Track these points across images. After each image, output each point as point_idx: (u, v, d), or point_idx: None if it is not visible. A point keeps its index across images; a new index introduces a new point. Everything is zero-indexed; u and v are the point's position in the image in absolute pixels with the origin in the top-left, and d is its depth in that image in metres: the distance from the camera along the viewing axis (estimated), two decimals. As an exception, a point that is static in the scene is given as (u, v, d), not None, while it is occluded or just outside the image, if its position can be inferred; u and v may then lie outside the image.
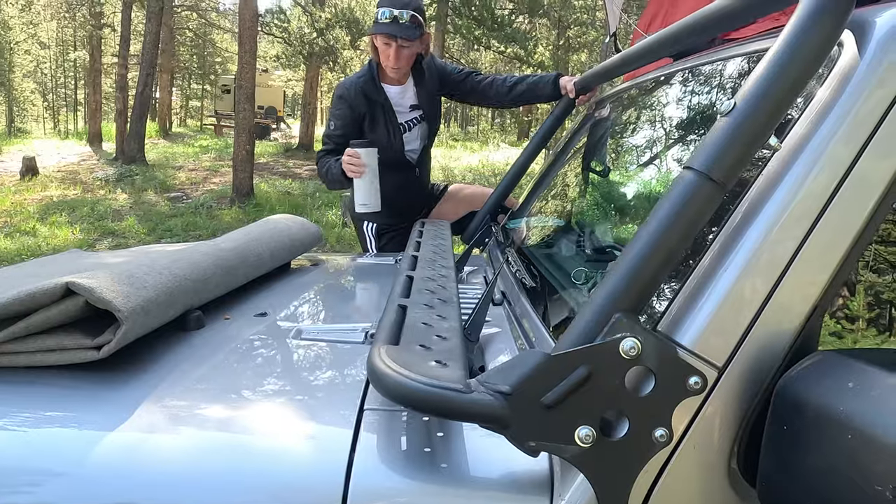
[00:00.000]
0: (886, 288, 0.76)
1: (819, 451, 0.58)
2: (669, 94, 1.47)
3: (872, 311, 0.76)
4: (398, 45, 2.27)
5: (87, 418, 0.85)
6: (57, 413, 0.86)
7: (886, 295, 0.76)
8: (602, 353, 0.65)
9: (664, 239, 0.67)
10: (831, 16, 0.68)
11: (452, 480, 0.75)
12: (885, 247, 0.77)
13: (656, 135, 1.50)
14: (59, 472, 0.76)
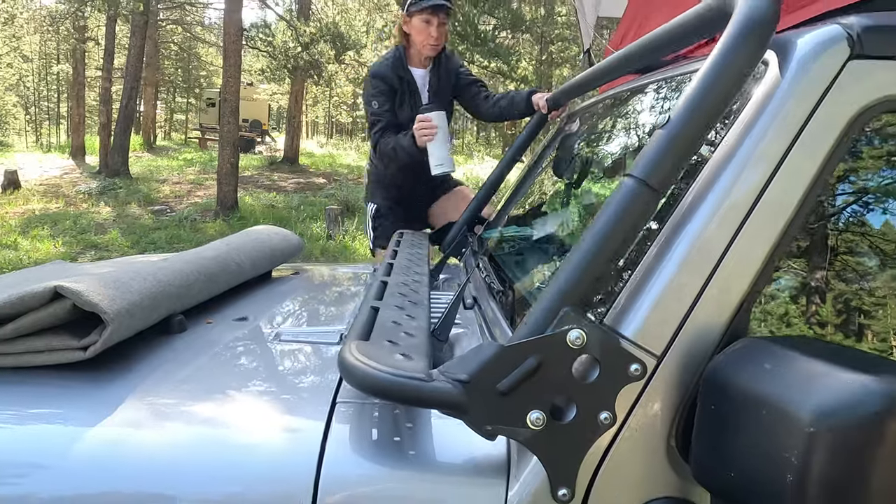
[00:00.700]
0: (807, 282, 0.83)
1: (740, 427, 0.65)
2: (632, 107, 1.55)
3: (795, 302, 0.83)
4: (440, 21, 2.47)
5: (75, 415, 0.90)
6: (45, 410, 0.91)
7: (807, 288, 0.83)
8: (551, 344, 0.71)
9: (607, 240, 0.74)
10: (755, 37, 0.76)
11: (418, 466, 0.80)
12: (807, 244, 0.84)
13: (619, 146, 1.58)
14: (47, 465, 0.81)
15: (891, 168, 0.83)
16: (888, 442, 0.56)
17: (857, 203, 0.83)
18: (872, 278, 0.84)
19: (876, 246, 0.84)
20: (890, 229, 0.85)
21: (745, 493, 0.64)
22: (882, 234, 0.84)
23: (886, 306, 0.83)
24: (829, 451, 0.57)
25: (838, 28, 0.77)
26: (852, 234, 0.84)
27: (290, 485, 0.78)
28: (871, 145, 0.82)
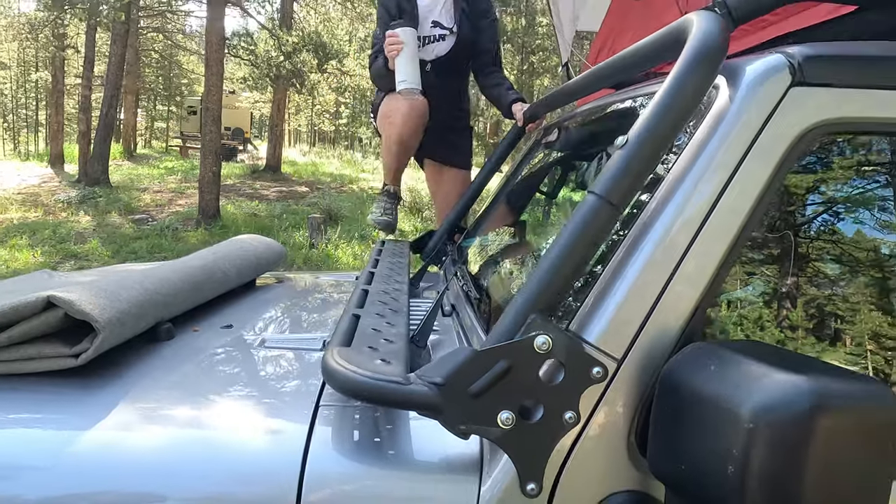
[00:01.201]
0: (754, 288, 0.90)
1: (690, 424, 0.71)
2: (603, 122, 1.62)
3: (743, 307, 0.90)
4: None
5: (68, 419, 0.93)
6: (39, 415, 0.95)
7: (754, 293, 0.89)
8: (520, 349, 0.77)
9: (571, 252, 0.80)
10: (707, 64, 0.82)
11: (397, 465, 0.85)
12: (755, 255, 0.91)
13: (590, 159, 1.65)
14: (40, 467, 0.85)
15: (829, 183, 0.90)
16: (818, 435, 0.62)
17: (800, 217, 0.90)
18: (813, 282, 0.91)
19: (816, 252, 0.91)
20: (829, 236, 0.92)
21: (694, 485, 0.69)
22: (821, 241, 0.91)
23: (821, 310, 0.90)
24: (766, 444, 0.63)
25: (781, 57, 0.84)
26: (795, 247, 0.90)
27: (276, 483, 0.82)
28: (811, 163, 0.89)
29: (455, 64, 2.60)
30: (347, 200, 13.45)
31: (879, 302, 0.91)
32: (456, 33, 2.53)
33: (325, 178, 17.79)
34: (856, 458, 0.62)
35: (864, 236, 0.91)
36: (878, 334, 0.90)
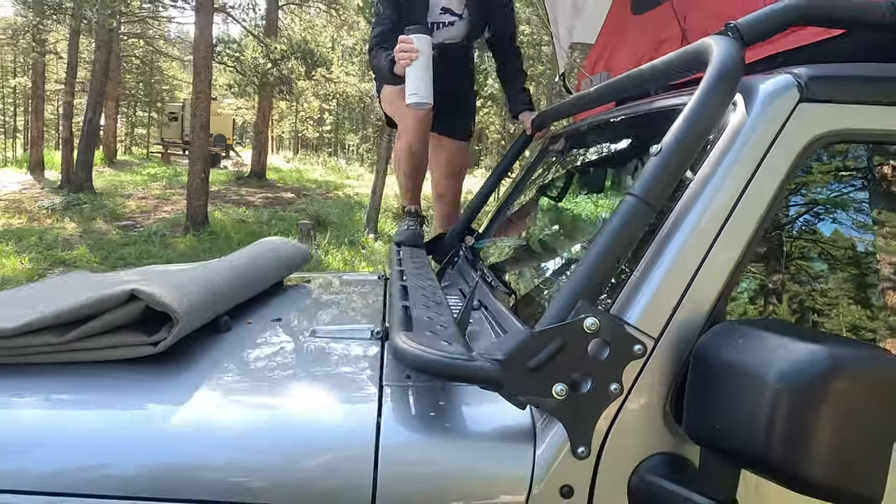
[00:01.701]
0: (769, 277, 1.03)
1: (722, 390, 0.83)
2: (610, 133, 1.75)
3: (760, 292, 1.03)
4: None
5: (157, 400, 1.03)
6: (129, 397, 1.04)
7: (769, 281, 1.02)
8: (571, 329, 0.89)
9: (613, 245, 0.92)
10: (728, 84, 0.95)
11: (460, 434, 0.97)
12: (769, 247, 1.04)
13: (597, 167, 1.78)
14: (139, 444, 0.95)
15: (834, 186, 1.03)
16: (833, 394, 0.74)
17: (808, 214, 1.03)
18: (819, 274, 1.04)
19: (823, 249, 1.04)
20: (835, 236, 1.05)
21: (728, 442, 0.81)
22: (828, 240, 1.04)
23: (828, 295, 1.03)
24: (789, 404, 0.75)
25: (790, 77, 0.98)
26: (804, 240, 1.04)
27: (353, 453, 0.93)
28: (817, 169, 1.02)
29: (462, 49, 2.60)
30: (335, 206, 13.53)
31: (870, 284, 1.04)
32: (465, 19, 2.51)
33: (311, 185, 17.83)
34: (865, 412, 0.75)
35: (860, 231, 1.05)
36: (872, 314, 1.03)
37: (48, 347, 1.09)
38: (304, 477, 0.92)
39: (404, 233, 2.36)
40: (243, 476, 0.92)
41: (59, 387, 1.06)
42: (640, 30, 2.57)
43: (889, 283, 1.05)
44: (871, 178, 1.04)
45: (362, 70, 19.03)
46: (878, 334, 1.03)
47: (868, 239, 1.05)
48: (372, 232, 10.49)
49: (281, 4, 17.83)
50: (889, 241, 1.04)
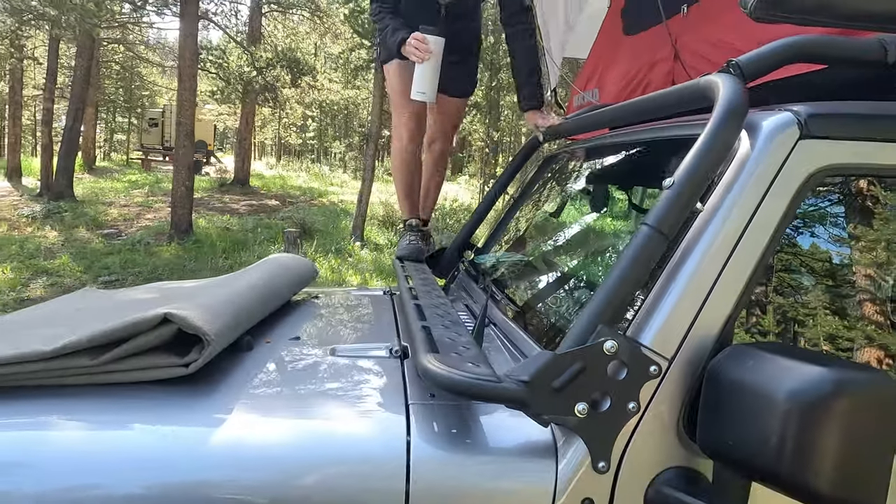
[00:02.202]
0: (773, 302, 1.10)
1: (735, 408, 0.89)
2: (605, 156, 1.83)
3: (766, 317, 1.10)
4: None
5: (193, 420, 1.08)
6: (165, 416, 1.08)
7: (774, 307, 1.10)
8: (592, 352, 0.95)
9: (630, 272, 0.99)
10: (734, 121, 1.02)
11: (485, 450, 1.03)
12: (774, 275, 1.11)
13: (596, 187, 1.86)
14: (177, 461, 0.99)
15: (831, 216, 1.11)
16: (836, 413, 0.81)
17: (807, 243, 1.11)
18: (822, 299, 1.11)
19: (822, 275, 1.12)
20: (834, 263, 1.13)
21: (741, 456, 0.88)
22: (827, 267, 1.12)
23: (831, 318, 1.10)
24: (798, 421, 0.82)
25: (790, 115, 1.05)
26: (805, 266, 1.11)
27: (386, 468, 0.98)
28: (816, 200, 1.10)
29: (468, 8, 2.59)
30: (320, 214, 13.52)
31: (867, 306, 1.12)
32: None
33: (295, 192, 17.79)
34: (866, 429, 0.81)
35: (857, 259, 1.12)
36: (869, 335, 1.11)
37: (83, 369, 1.12)
38: (338, 494, 0.97)
39: (406, 248, 2.39)
40: (279, 493, 0.97)
41: (95, 407, 1.10)
42: (633, 50, 2.65)
43: (877, 305, 1.13)
44: (865, 209, 1.12)
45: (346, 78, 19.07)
46: (871, 352, 1.10)
47: (863, 265, 1.12)
48: (358, 240, 10.52)
49: (264, 12, 17.82)
50: (880, 267, 1.11)
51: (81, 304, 1.63)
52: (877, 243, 1.12)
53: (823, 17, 0.99)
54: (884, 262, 1.12)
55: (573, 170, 2.14)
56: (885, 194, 1.11)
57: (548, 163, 2.34)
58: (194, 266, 9.00)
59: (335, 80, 18.82)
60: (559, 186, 2.23)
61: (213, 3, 14.29)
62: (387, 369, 1.28)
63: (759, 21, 1.02)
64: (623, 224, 1.82)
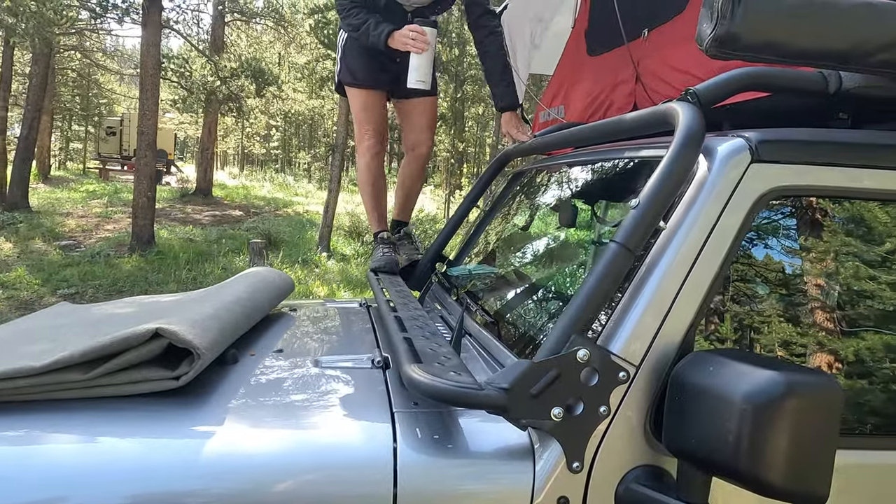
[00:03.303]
0: (732, 311, 1.19)
1: (697, 410, 0.98)
2: (574, 174, 1.92)
3: (724, 325, 1.19)
4: None
5: (186, 431, 1.11)
6: (159, 428, 1.12)
7: (732, 316, 1.19)
8: (566, 360, 1.03)
9: (600, 285, 1.07)
10: (694, 146, 1.12)
11: (468, 454, 1.09)
12: (730, 286, 1.20)
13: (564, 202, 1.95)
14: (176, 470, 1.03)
15: (781, 232, 1.21)
16: (786, 413, 0.90)
17: (760, 257, 1.21)
18: (775, 308, 1.21)
19: (774, 286, 1.22)
20: (783, 275, 1.23)
21: (703, 453, 0.96)
22: (779, 279, 1.22)
23: (783, 325, 1.20)
24: (753, 420, 0.91)
25: (743, 141, 1.15)
26: (759, 278, 1.21)
27: (375, 472, 1.04)
28: (766, 218, 1.20)
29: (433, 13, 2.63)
30: (285, 224, 13.43)
31: (814, 313, 1.22)
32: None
33: (259, 202, 17.63)
34: (813, 427, 0.91)
35: (805, 267, 1.23)
36: (817, 340, 1.21)
37: (75, 384, 1.15)
38: (329, 499, 1.02)
39: (381, 259, 2.44)
40: (272, 500, 1.02)
41: (87, 420, 1.13)
42: (596, 70, 2.77)
43: (824, 312, 1.23)
44: (811, 225, 1.23)
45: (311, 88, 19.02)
46: (819, 356, 1.21)
47: (811, 276, 1.23)
48: (325, 251, 10.49)
49: (227, 20, 17.69)
50: (826, 277, 1.22)
51: (61, 320, 1.64)
52: (823, 256, 1.22)
53: (770, 54, 1.09)
54: (829, 273, 1.22)
55: (541, 185, 2.23)
56: (828, 213, 1.22)
57: (517, 178, 2.43)
58: (157, 278, 8.85)
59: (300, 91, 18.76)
60: (528, 201, 2.31)
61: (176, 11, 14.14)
62: (370, 379, 1.33)
63: (714, 58, 1.12)
64: (588, 237, 1.92)
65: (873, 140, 1.21)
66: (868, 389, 1.20)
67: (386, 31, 2.37)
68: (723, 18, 1.05)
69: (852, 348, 1.20)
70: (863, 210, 1.22)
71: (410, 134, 2.79)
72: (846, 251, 1.21)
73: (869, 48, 1.09)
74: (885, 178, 1.17)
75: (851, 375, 1.20)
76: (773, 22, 1.07)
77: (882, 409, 1.20)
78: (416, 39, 2.31)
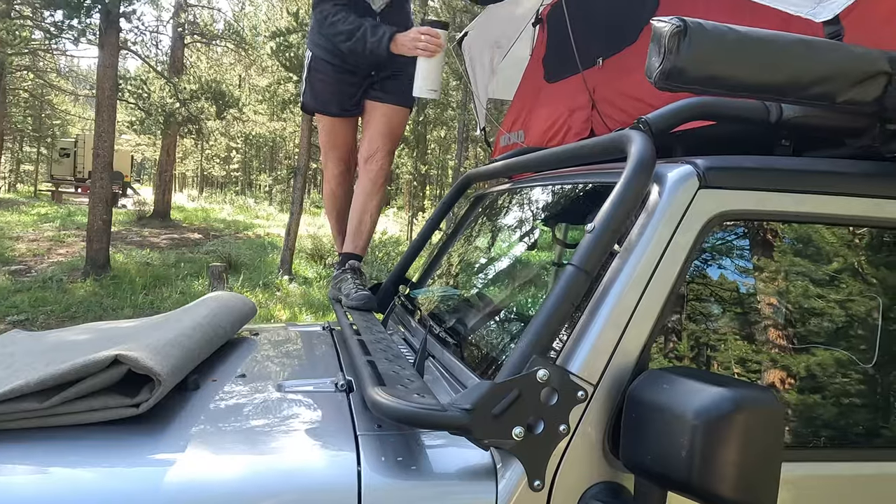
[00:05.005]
0: (683, 331, 1.24)
1: (652, 426, 1.01)
2: (534, 197, 1.97)
3: (677, 344, 1.24)
4: None
5: (141, 461, 1.10)
6: (120, 458, 1.11)
7: (683, 335, 1.24)
8: (526, 380, 1.05)
9: (558, 307, 1.10)
10: (646, 173, 1.17)
11: (431, 474, 1.10)
12: (682, 306, 1.25)
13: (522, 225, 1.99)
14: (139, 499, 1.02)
15: (725, 251, 1.27)
16: (736, 427, 0.94)
17: (709, 278, 1.26)
18: (725, 325, 1.27)
19: (723, 306, 1.28)
20: (731, 294, 1.28)
21: (658, 468, 1.00)
22: (726, 297, 1.27)
23: (733, 341, 1.26)
24: (704, 435, 0.94)
25: (692, 168, 1.21)
26: (712, 298, 1.26)
27: (339, 496, 1.04)
28: (714, 240, 1.25)
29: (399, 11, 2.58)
30: (245, 248, 13.25)
31: (761, 330, 1.28)
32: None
33: (219, 225, 17.36)
34: (759, 440, 0.95)
35: (752, 287, 1.29)
36: (767, 356, 1.27)
37: (32, 412, 1.13)
38: (293, 523, 1.02)
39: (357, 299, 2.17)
40: (235, 526, 1.01)
41: (44, 450, 1.11)
42: (554, 96, 2.85)
43: (771, 329, 1.29)
44: (757, 247, 1.29)
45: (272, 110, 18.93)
46: (768, 372, 1.26)
47: (757, 294, 1.29)
48: (286, 274, 10.38)
49: (187, 42, 17.55)
50: (771, 296, 1.28)
51: (14, 348, 1.60)
52: (770, 276, 1.28)
53: (714, 87, 1.16)
54: (775, 292, 1.28)
55: (503, 207, 2.28)
56: (772, 235, 1.29)
57: (478, 201, 2.48)
58: (112, 303, 8.62)
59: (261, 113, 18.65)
60: (490, 223, 2.35)
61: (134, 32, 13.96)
62: (334, 402, 1.34)
63: (662, 90, 1.18)
64: (549, 258, 1.96)
65: (812, 167, 1.28)
66: (816, 404, 1.26)
67: (388, 34, 2.21)
68: (669, 53, 1.11)
69: (798, 364, 1.26)
70: (804, 232, 1.29)
71: (365, 143, 2.61)
72: (791, 271, 1.28)
73: (804, 82, 1.17)
74: (823, 202, 1.24)
75: (801, 390, 1.26)
76: (716, 57, 1.13)
77: (829, 422, 1.26)
78: (429, 44, 2.17)
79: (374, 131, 2.58)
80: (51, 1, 10.06)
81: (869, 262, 1.31)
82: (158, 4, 16.69)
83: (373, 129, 2.60)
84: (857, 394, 1.28)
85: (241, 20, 24.72)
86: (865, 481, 1.24)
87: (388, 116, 2.61)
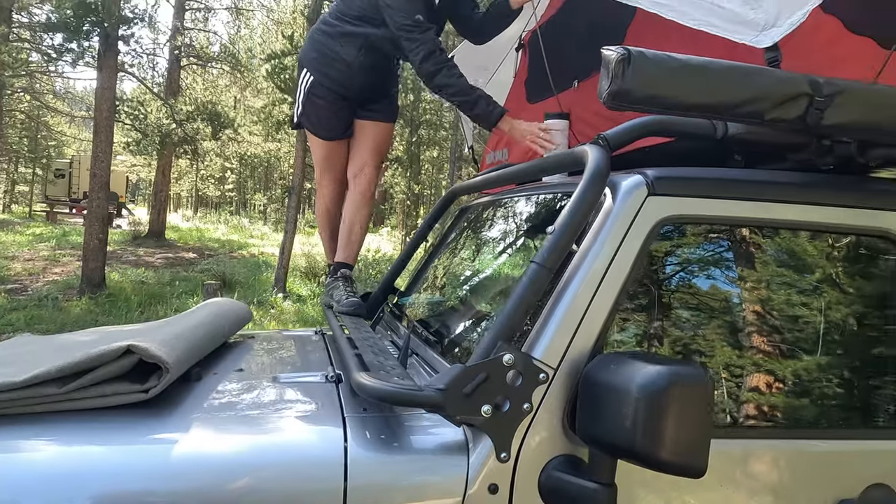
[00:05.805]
0: (634, 319, 1.39)
1: (603, 403, 1.15)
2: (515, 208, 2.13)
3: (628, 331, 1.38)
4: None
5: (159, 438, 1.23)
6: (134, 436, 1.24)
7: (634, 323, 1.38)
8: (494, 364, 1.19)
9: (522, 299, 1.25)
10: (600, 180, 1.32)
11: (411, 450, 1.24)
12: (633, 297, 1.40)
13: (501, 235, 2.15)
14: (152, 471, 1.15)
15: (671, 251, 1.42)
16: (672, 399, 1.08)
17: (655, 273, 1.41)
18: (669, 315, 1.41)
19: (667, 299, 1.42)
20: (677, 289, 1.43)
21: (608, 439, 1.13)
22: (671, 292, 1.42)
23: (675, 329, 1.40)
24: (645, 408, 1.08)
25: (641, 177, 1.36)
26: (658, 291, 1.41)
27: (328, 468, 1.18)
28: (661, 240, 1.41)
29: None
30: (240, 266, 13.36)
31: (701, 320, 1.43)
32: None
33: (213, 244, 17.48)
34: (693, 411, 1.09)
35: (693, 282, 1.44)
36: (702, 338, 1.41)
37: (52, 397, 1.27)
38: (287, 492, 1.15)
39: (347, 304, 2.34)
40: (235, 495, 1.14)
41: (62, 430, 1.24)
42: (535, 116, 3.01)
43: (709, 318, 1.44)
44: (700, 248, 1.45)
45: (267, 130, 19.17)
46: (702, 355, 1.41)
47: (698, 289, 1.44)
48: (281, 291, 10.48)
49: (183, 64, 17.81)
50: (710, 290, 1.43)
51: (30, 347, 1.73)
52: (710, 273, 1.44)
53: (657, 107, 1.31)
54: (713, 287, 1.43)
55: (482, 219, 2.43)
56: (713, 237, 1.44)
57: (463, 213, 2.63)
58: (107, 321, 8.69)
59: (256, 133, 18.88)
60: (473, 234, 2.51)
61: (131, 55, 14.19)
62: (324, 391, 1.47)
63: (611, 109, 1.34)
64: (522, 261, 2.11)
65: (749, 177, 1.44)
66: (746, 383, 1.40)
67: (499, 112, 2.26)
68: (616, 77, 1.27)
69: (731, 347, 1.41)
70: (741, 234, 1.45)
71: (354, 159, 2.75)
72: (728, 267, 1.43)
73: (734, 102, 1.33)
74: (759, 208, 1.40)
75: (732, 369, 1.40)
76: (657, 81, 1.29)
77: (754, 401, 1.40)
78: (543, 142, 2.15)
79: (363, 148, 2.75)
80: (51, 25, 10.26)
81: (798, 260, 1.46)
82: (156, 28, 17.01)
83: (361, 145, 2.76)
84: (783, 377, 1.43)
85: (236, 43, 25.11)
86: (787, 456, 1.36)
87: (376, 133, 2.77)
